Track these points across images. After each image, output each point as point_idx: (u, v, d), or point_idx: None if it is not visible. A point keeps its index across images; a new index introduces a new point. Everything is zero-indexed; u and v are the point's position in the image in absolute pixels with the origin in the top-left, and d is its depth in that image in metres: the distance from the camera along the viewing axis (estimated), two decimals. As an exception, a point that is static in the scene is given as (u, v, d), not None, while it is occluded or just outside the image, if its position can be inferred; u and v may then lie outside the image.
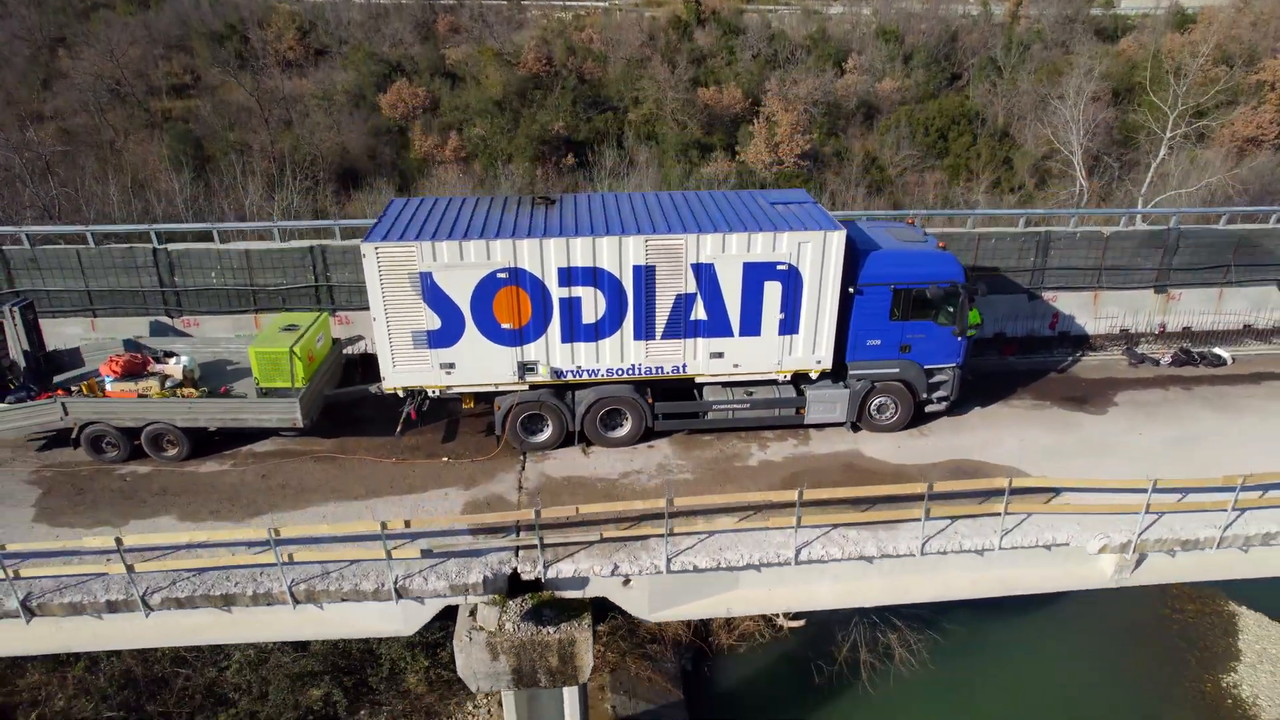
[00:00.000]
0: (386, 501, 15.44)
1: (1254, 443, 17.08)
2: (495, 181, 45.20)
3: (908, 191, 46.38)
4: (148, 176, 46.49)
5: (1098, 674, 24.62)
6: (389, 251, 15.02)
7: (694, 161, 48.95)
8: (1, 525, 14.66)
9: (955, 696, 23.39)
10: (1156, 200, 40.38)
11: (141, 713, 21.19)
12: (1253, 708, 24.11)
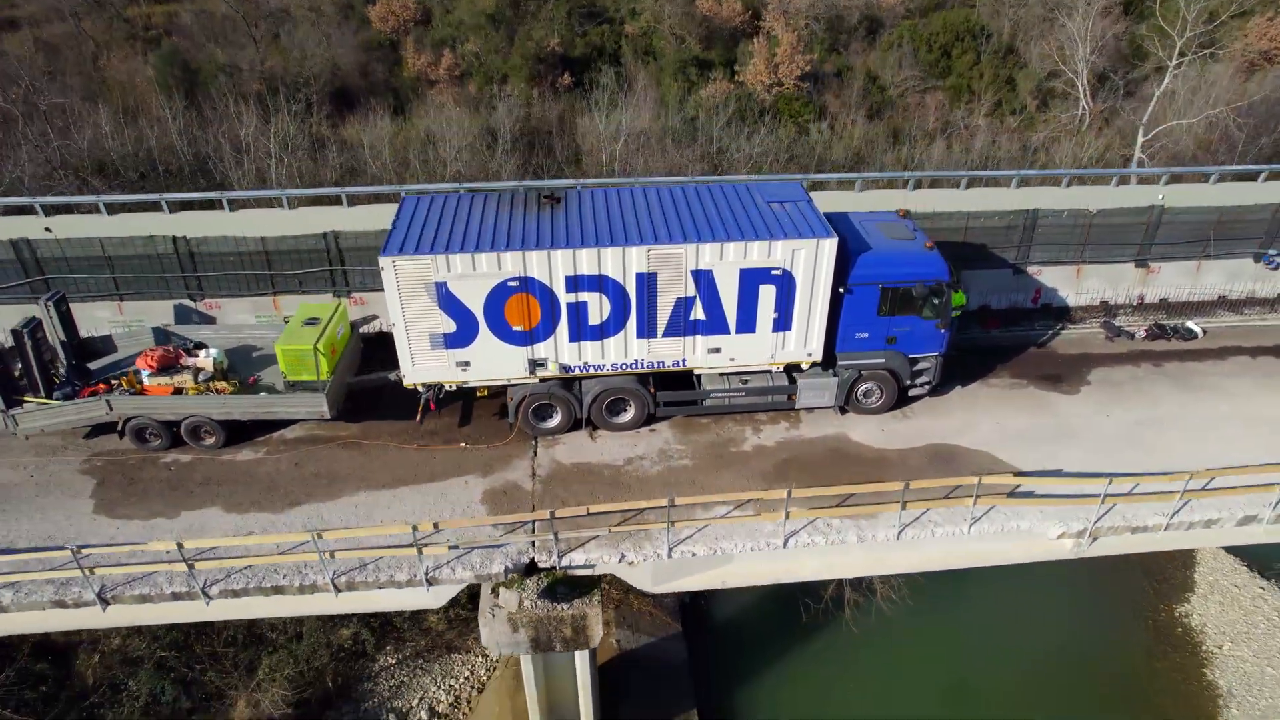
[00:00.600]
0: (412, 490, 17.05)
1: (1211, 426, 18.62)
2: (491, 107, 44.95)
3: (908, 115, 46.23)
4: (137, 101, 46.12)
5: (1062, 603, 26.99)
6: (405, 264, 16.05)
7: (692, 80, 48.47)
8: (66, 517, 16.29)
9: (930, 627, 25.81)
10: (1156, 131, 40.57)
11: (190, 651, 23.52)
12: (1199, 635, 26.68)
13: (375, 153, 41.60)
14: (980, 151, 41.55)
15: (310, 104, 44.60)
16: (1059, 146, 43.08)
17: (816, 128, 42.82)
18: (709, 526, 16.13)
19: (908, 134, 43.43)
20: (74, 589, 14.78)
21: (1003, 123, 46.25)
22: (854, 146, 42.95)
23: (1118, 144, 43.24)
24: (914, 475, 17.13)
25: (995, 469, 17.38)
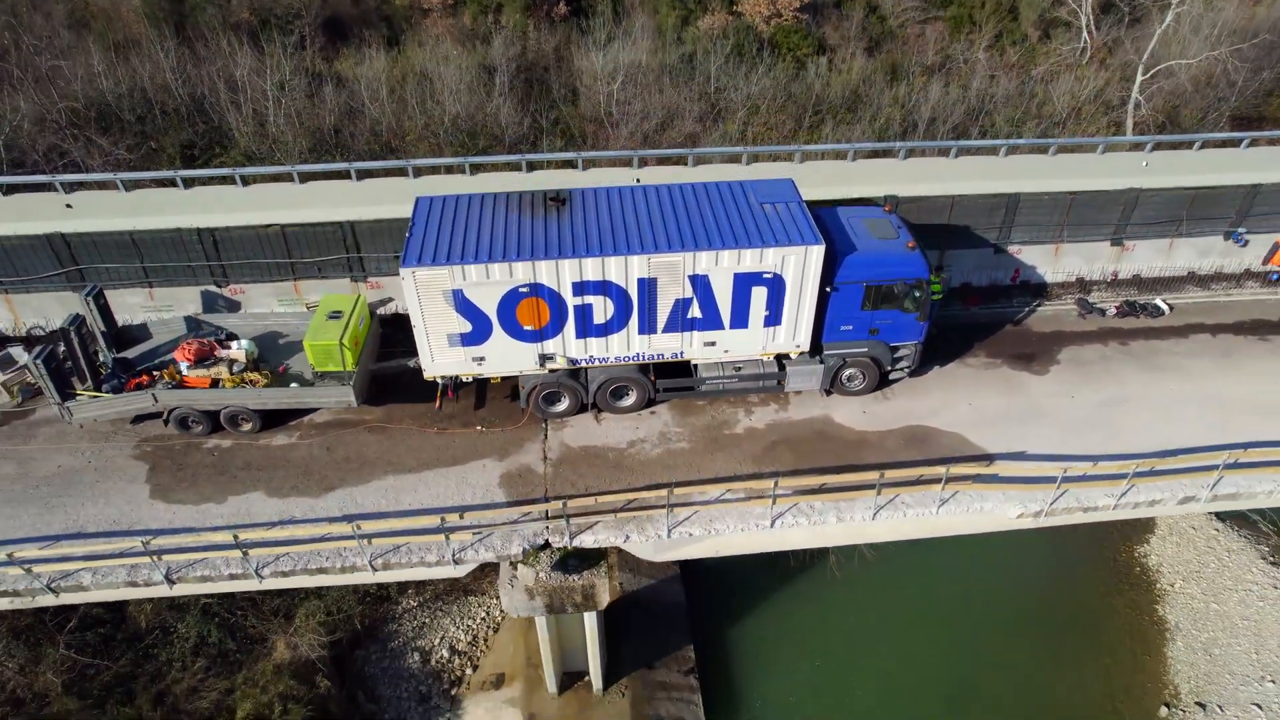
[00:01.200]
0: (435, 474, 19.02)
1: (1168, 407, 20.51)
2: (487, 41, 44.91)
3: (907, 49, 46.26)
4: (127, 36, 45.92)
5: (1030, 546, 29.48)
6: (424, 274, 17.53)
7: (689, 8, 48.20)
8: (127, 501, 18.29)
9: (905, 569, 28.37)
10: (1155, 71, 40.93)
11: (231, 598, 26.00)
12: (1155, 574, 29.35)
13: (373, 93, 41.90)
14: (978, 90, 41.98)
15: (304, 37, 44.50)
16: (1058, 83, 43.45)
17: (814, 64, 43.04)
18: (704, 510, 18.17)
19: (905, 70, 43.68)
20: (144, 571, 16.89)
21: (1002, 56, 46.34)
22: (852, 83, 43.27)
23: (1117, 80, 43.59)
24: (891, 457, 19.13)
25: (966, 451, 19.33)
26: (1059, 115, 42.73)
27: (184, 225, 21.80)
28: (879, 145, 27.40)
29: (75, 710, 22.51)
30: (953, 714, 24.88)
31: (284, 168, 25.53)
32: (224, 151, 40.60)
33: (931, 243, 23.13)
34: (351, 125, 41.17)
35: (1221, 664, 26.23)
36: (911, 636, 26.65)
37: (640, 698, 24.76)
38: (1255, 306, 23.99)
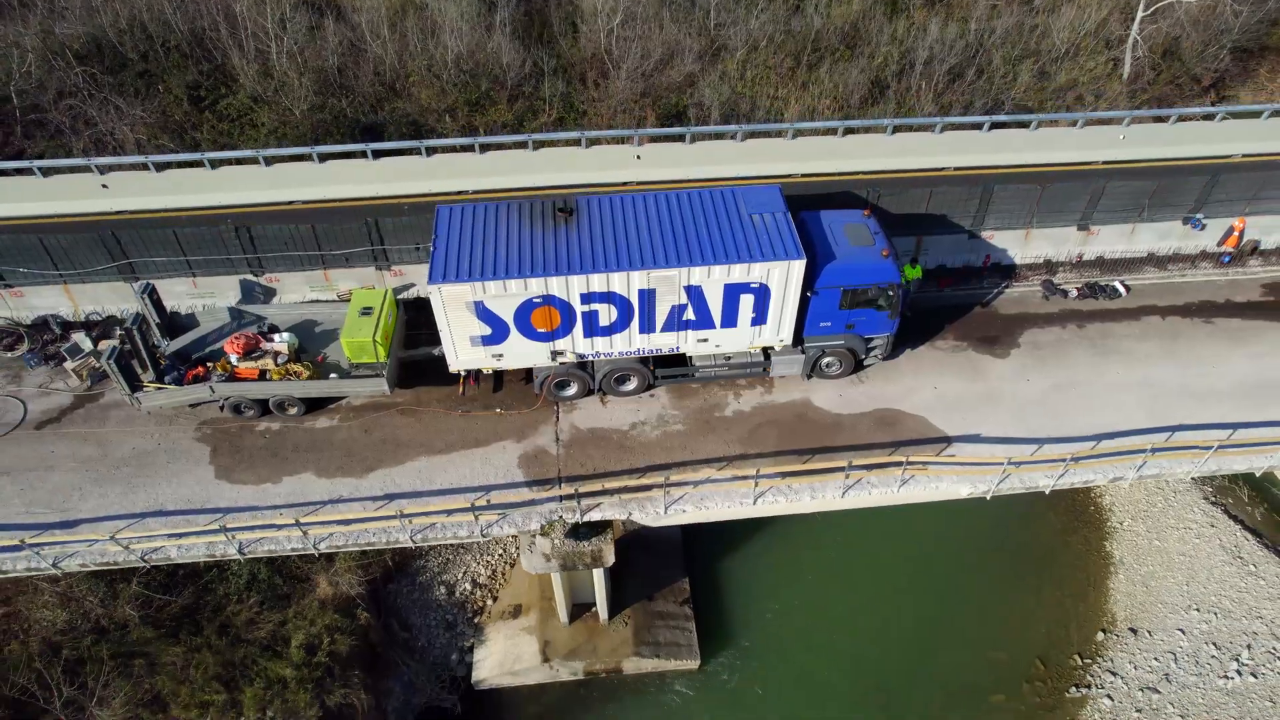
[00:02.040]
0: (462, 455, 22.24)
1: (1110, 392, 23.51)
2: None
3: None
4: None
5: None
6: (449, 289, 20.20)
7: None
8: (196, 481, 21.59)
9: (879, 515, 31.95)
10: (1156, 8, 41.75)
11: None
12: (1107, 513, 33.05)
13: (374, 29, 42.84)
14: (976, 28, 42.88)
15: (301, -33, 44.94)
16: (1059, 15, 44.26)
17: (814, 2, 43.77)
18: (696, 490, 21.48)
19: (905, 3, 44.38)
20: (220, 546, 20.36)
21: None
22: (851, 17, 44.08)
23: (1118, 14, 44.37)
24: (862, 439, 22.30)
25: (928, 433, 22.47)
26: (1057, 50, 43.74)
27: (216, 204, 24.42)
28: (869, 122, 29.27)
29: (153, 638, 26.49)
30: (918, 637, 28.94)
31: (305, 149, 27.71)
32: (230, 93, 41.96)
33: (911, 228, 25.59)
34: (355, 66, 42.31)
35: (1156, 595, 30.22)
36: (883, 571, 30.41)
37: (641, 626, 28.80)
38: (1206, 288, 26.62)
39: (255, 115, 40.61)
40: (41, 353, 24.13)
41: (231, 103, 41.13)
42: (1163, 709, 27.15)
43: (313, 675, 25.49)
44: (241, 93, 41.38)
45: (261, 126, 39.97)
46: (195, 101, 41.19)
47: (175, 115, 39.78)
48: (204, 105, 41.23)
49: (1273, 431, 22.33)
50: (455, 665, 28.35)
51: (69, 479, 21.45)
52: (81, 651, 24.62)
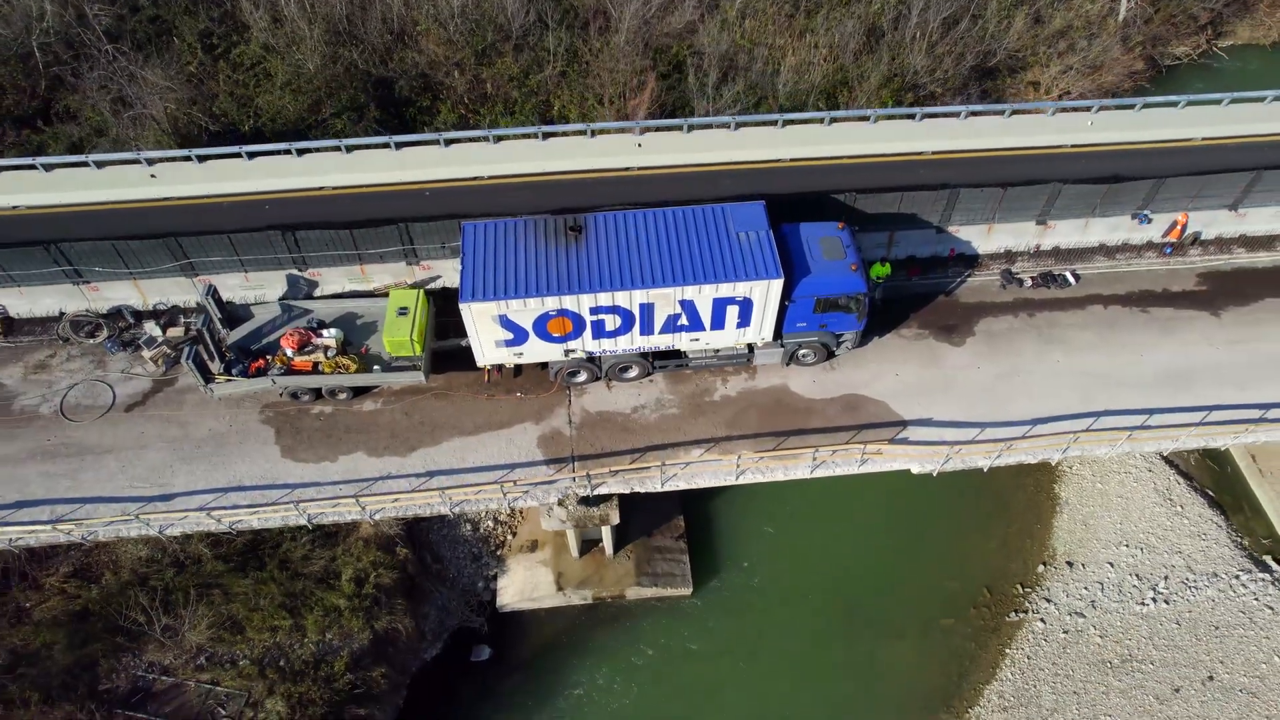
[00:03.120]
0: (490, 435, 26.96)
1: (1049, 379, 27.91)
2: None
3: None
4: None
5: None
6: (478, 307, 24.37)
7: None
8: (266, 460, 26.43)
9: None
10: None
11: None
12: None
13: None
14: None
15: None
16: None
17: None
18: (687, 467, 26.32)
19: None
20: (293, 518, 25.40)
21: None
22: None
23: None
24: (831, 422, 26.96)
25: (888, 417, 27.10)
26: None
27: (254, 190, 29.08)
28: (854, 112, 32.46)
29: (224, 571, 31.99)
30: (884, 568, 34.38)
31: (334, 141, 31.23)
32: (242, 42, 44.60)
33: (883, 225, 29.39)
34: (363, 14, 44.64)
35: (1093, 532, 35.58)
36: (856, 509, 35.45)
37: (642, 559, 34.30)
38: (1148, 277, 30.59)
39: (269, 65, 43.44)
40: (119, 339, 28.52)
41: (244, 51, 43.91)
42: (1085, 631, 32.91)
43: (363, 604, 31.03)
44: (254, 42, 44.04)
45: (276, 77, 42.91)
46: (209, 50, 43.93)
47: (190, 66, 42.66)
48: (217, 54, 44.00)
49: (1181, 416, 26.91)
50: (481, 591, 34.02)
51: (161, 457, 26.28)
52: (166, 582, 30.03)
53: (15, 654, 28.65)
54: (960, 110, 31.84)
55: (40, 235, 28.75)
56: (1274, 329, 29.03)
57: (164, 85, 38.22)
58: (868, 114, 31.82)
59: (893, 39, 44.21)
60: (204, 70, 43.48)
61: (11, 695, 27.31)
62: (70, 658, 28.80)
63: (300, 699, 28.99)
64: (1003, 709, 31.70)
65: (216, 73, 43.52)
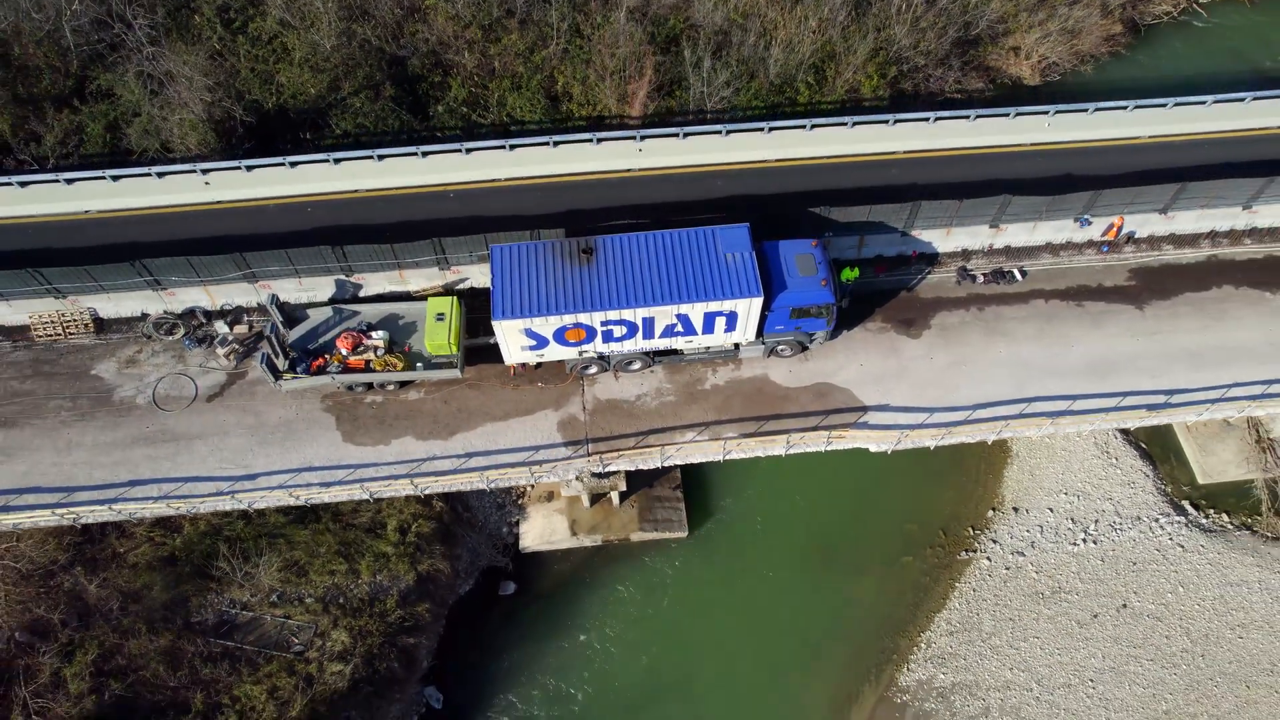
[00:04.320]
0: (517, 421, 33.48)
1: (990, 368, 34.20)
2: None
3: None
4: None
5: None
6: (508, 323, 30.49)
7: None
8: (330, 444, 33.04)
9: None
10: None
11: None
12: (1015, 412, 44.72)
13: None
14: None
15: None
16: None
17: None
18: (681, 449, 32.99)
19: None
20: (357, 494, 32.24)
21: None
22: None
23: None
24: (803, 408, 33.47)
25: (851, 403, 33.62)
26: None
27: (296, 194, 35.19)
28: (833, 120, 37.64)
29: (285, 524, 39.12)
30: (854, 512, 41.51)
31: (367, 151, 36.67)
32: (259, 15, 49.02)
33: (854, 230, 35.12)
34: (376, -6, 48.70)
35: (1038, 481, 42.66)
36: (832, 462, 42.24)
37: (644, 507, 41.39)
38: (1085, 272, 36.51)
39: (286, 39, 47.99)
40: (194, 336, 34.68)
41: (261, 25, 48.34)
42: (1024, 568, 40.39)
43: (406, 550, 38.20)
44: (270, 17, 48.43)
45: (294, 52, 47.55)
46: (227, 25, 48.40)
47: (212, 40, 47.27)
48: (235, 28, 48.48)
49: (1099, 401, 33.43)
50: (506, 536, 41.30)
51: (242, 442, 32.89)
52: (237, 532, 37.06)
53: (124, 593, 35.92)
54: (929, 116, 37.06)
55: (112, 238, 34.66)
56: (1188, 322, 35.16)
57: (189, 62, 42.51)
58: (845, 120, 37.02)
59: (879, 11, 48.46)
60: (224, 45, 47.99)
61: (125, 626, 34.69)
62: (166, 596, 36.06)
63: (359, 630, 36.44)
64: (949, 633, 39.43)
65: (237, 48, 48.07)
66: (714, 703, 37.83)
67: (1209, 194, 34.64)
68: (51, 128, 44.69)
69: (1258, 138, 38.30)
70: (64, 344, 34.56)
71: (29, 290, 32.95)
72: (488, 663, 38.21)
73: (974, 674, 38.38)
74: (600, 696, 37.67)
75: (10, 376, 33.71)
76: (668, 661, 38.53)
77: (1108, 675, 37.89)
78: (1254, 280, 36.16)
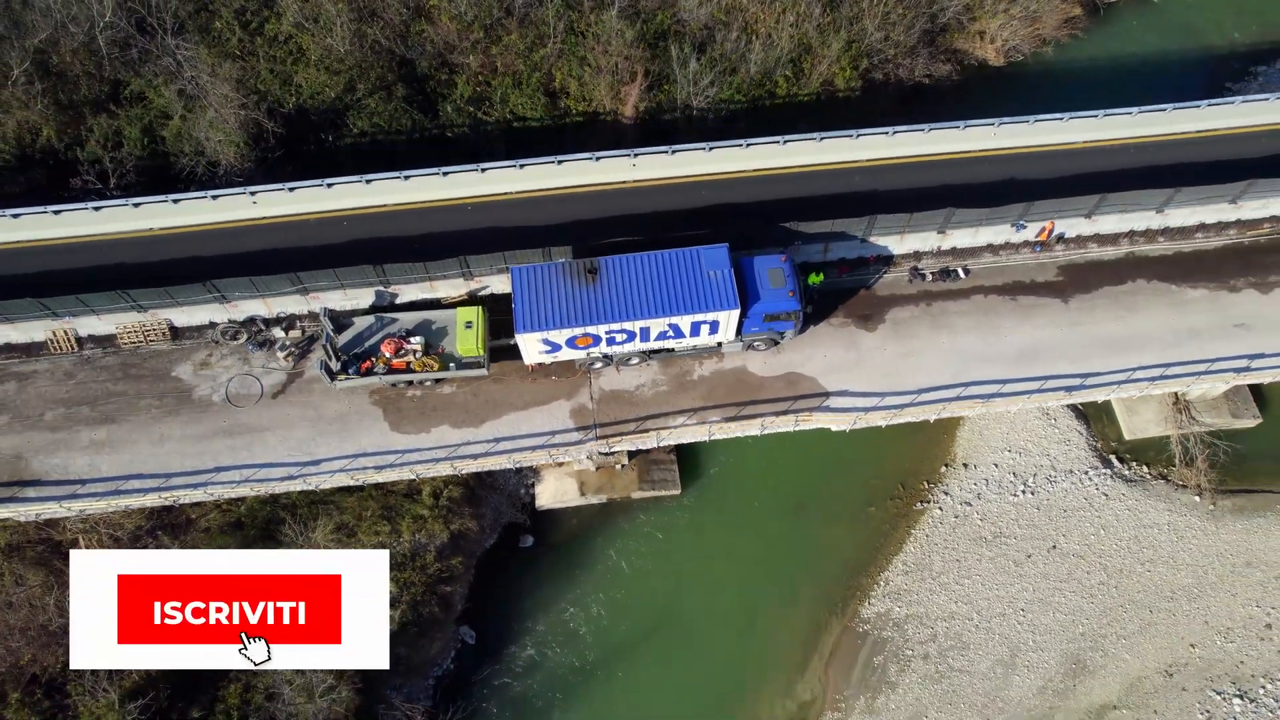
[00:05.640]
0: (536, 410, 42.20)
1: (933, 357, 42.85)
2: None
3: None
4: None
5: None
6: (528, 336, 39.01)
7: None
8: (381, 433, 41.73)
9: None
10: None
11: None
12: (969, 378, 53.70)
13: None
14: None
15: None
16: None
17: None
18: (674, 432, 41.93)
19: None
20: (406, 474, 41.22)
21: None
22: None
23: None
24: (775, 394, 42.28)
25: (816, 389, 42.47)
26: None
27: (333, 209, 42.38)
28: (801, 136, 45.39)
29: (333, 491, 48.15)
30: (825, 469, 50.48)
31: (395, 173, 44.47)
32: (274, 17, 55.87)
33: (820, 239, 43.34)
34: (382, -9, 55.38)
35: (986, 439, 51.84)
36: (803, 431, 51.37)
37: (642, 470, 50.40)
38: (1021, 269, 44.85)
39: (300, 40, 54.98)
40: (256, 341, 43.09)
41: (277, 26, 55.27)
42: (970, 516, 49.90)
43: (440, 512, 47.33)
44: (285, 19, 55.32)
45: (310, 53, 54.62)
46: (245, 26, 55.36)
47: (231, 43, 54.36)
48: (252, 30, 55.42)
49: (1027, 385, 42.25)
50: (523, 496, 50.44)
51: (304, 433, 41.62)
52: (293, 500, 46.10)
53: (201, 556, 44.94)
54: (889, 130, 44.80)
55: (175, 252, 42.74)
56: (1105, 313, 43.67)
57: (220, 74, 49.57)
58: (814, 135, 44.78)
59: (851, 6, 55.43)
60: (244, 47, 54.97)
61: (207, 585, 43.89)
62: (238, 558, 45.17)
63: (404, 582, 45.71)
64: (904, 572, 49.14)
65: (255, 49, 55.09)
66: (705, 633, 47.47)
67: (1126, 202, 42.70)
68: (93, 131, 52.16)
69: (1176, 141, 46.02)
70: (145, 350, 42.85)
71: (117, 306, 41.04)
72: (512, 604, 47.78)
73: (924, 606, 48.16)
74: (608, 629, 47.32)
75: (105, 379, 42.11)
76: (665, 599, 48.07)
77: (1036, 605, 47.72)
78: (1163, 275, 44.51)
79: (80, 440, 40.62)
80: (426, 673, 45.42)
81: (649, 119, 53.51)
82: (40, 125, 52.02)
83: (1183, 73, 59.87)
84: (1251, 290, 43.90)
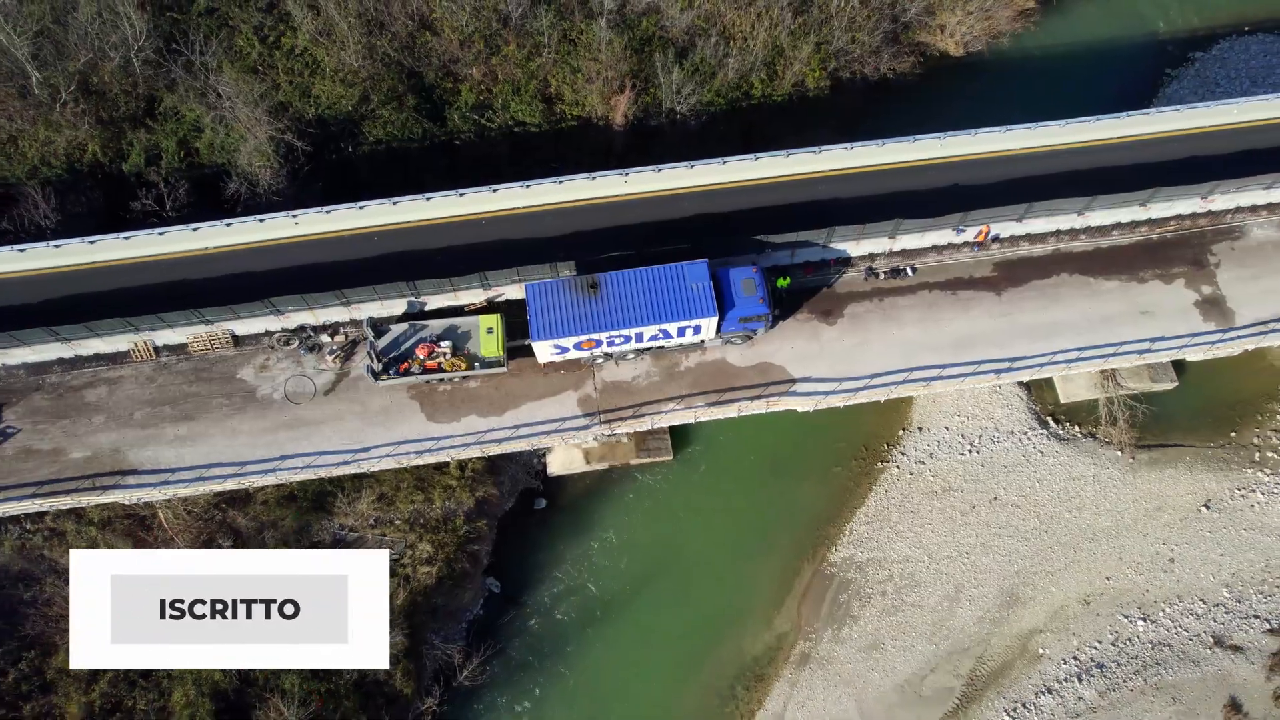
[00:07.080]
0: (548, 399, 53.42)
1: (886, 345, 54.03)
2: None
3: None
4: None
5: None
6: (542, 343, 50.21)
7: None
8: (420, 423, 52.71)
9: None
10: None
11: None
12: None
13: (398, -31, 64.49)
14: None
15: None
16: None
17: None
18: (665, 416, 53.54)
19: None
20: (443, 457, 52.83)
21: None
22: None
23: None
24: (750, 382, 53.75)
25: (784, 376, 53.95)
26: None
27: (365, 225, 52.88)
28: (774, 154, 55.88)
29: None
30: (797, 435, 62.14)
31: (419, 195, 55.11)
32: (291, 32, 65.52)
33: (786, 246, 54.28)
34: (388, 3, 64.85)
35: (939, 405, 63.48)
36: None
37: (639, 440, 61.73)
38: (960, 268, 55.74)
39: (317, 54, 64.80)
40: (306, 345, 54.20)
41: (293, 40, 64.98)
42: (923, 474, 61.90)
43: (466, 482, 59.17)
44: (300, 34, 64.95)
45: (325, 65, 64.48)
46: (263, 40, 65.05)
47: (250, 58, 64.19)
48: (270, 44, 65.14)
49: (961, 369, 53.72)
50: (536, 465, 62.11)
51: (354, 424, 52.93)
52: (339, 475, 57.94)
53: (263, 523, 56.88)
54: (850, 145, 55.33)
55: (229, 269, 53.55)
56: (1031, 304, 54.73)
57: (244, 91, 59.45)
58: (784, 153, 55.32)
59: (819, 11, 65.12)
60: (263, 60, 64.71)
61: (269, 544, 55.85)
62: (294, 524, 57.06)
63: (438, 543, 57.64)
64: (866, 523, 61.30)
65: (275, 63, 64.84)
66: (696, 577, 59.59)
67: (1051, 209, 53.62)
68: (133, 145, 62.31)
69: (1101, 147, 56.60)
70: (212, 356, 53.90)
71: (188, 320, 51.98)
72: (529, 558, 59.87)
73: (883, 551, 60.47)
74: (612, 576, 59.29)
75: (181, 382, 53.21)
76: (661, 549, 60.01)
77: (978, 549, 60.09)
78: (1083, 269, 55.50)
79: (166, 435, 51.80)
80: (460, 618, 57.63)
81: (637, 123, 63.68)
82: (86, 142, 61.75)
83: (1128, 60, 69.94)
84: (1156, 281, 55.00)
